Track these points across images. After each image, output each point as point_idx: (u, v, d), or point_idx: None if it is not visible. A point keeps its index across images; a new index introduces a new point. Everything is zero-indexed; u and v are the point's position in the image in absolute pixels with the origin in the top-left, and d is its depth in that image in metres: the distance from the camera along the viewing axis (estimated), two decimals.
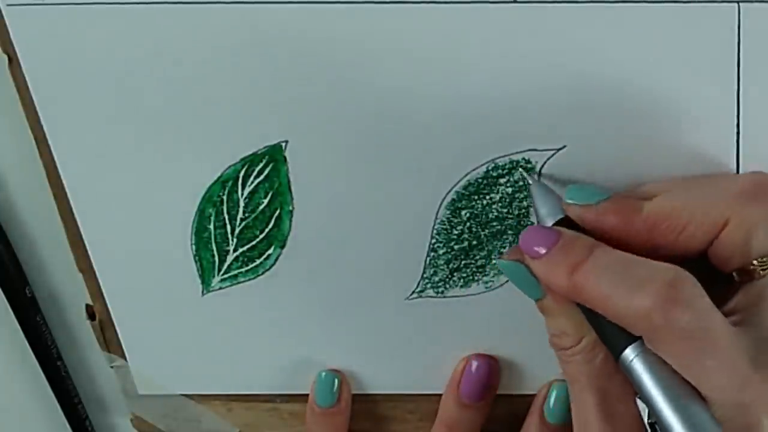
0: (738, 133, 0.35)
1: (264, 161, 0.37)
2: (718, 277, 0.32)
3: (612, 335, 0.32)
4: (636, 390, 0.31)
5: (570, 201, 0.34)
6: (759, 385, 0.29)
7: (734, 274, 0.32)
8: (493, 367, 0.40)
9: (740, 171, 0.35)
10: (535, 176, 0.36)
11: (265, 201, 0.38)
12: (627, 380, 0.32)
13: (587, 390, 0.33)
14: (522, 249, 0.33)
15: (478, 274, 0.38)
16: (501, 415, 0.41)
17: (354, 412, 0.42)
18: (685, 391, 0.30)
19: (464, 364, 0.40)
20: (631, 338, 0.31)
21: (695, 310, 0.30)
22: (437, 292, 0.39)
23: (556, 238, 0.33)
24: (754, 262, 0.32)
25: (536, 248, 0.33)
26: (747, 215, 0.32)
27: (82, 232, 0.39)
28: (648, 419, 0.31)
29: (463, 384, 0.40)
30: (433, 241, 0.38)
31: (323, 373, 0.41)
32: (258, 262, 0.39)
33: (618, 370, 0.32)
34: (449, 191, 0.37)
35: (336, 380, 0.41)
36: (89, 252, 0.39)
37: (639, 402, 0.31)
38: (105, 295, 0.40)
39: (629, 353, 0.31)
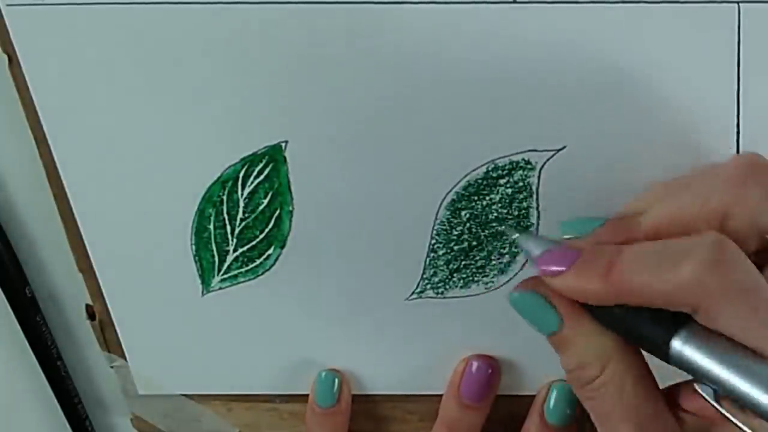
0: (738, 133, 0.35)
1: (264, 161, 0.37)
2: None
3: (653, 333, 0.30)
4: (695, 377, 0.29)
5: (567, 236, 0.33)
6: None
7: (758, 258, 0.31)
8: (493, 367, 0.40)
9: None
10: (515, 233, 0.35)
11: (265, 201, 0.38)
12: (662, 403, 0.31)
13: (623, 423, 0.31)
14: (542, 271, 0.32)
15: (477, 274, 0.38)
16: (501, 415, 0.41)
17: (354, 412, 0.42)
18: (752, 358, 0.28)
19: (464, 365, 0.40)
20: (676, 326, 0.30)
21: (744, 267, 0.29)
22: (437, 293, 0.39)
23: (578, 254, 0.31)
24: None
25: (558, 267, 0.32)
26: (744, 200, 0.31)
27: (82, 232, 0.39)
28: (714, 401, 0.29)
29: (463, 385, 0.40)
30: (433, 241, 0.38)
31: (323, 373, 0.41)
32: (258, 262, 0.39)
33: (650, 395, 0.31)
34: (449, 192, 0.37)
35: (336, 380, 0.41)
36: (89, 252, 0.39)
37: (699, 387, 0.29)
38: (105, 295, 0.40)
39: (677, 342, 0.29)
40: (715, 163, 0.33)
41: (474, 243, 0.38)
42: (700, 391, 0.30)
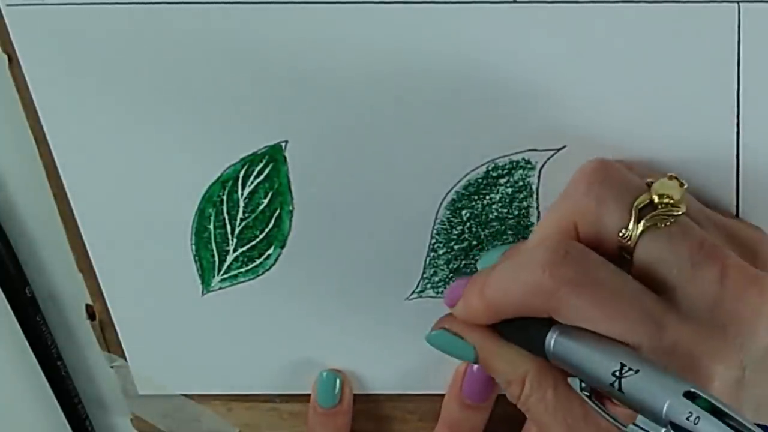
0: (738, 133, 0.35)
1: (264, 161, 0.37)
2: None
3: (536, 340, 0.32)
4: (571, 372, 0.31)
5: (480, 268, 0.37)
6: (679, 324, 0.29)
7: (624, 255, 0.32)
8: None
9: (740, 171, 0.35)
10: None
11: (265, 201, 0.38)
12: (581, 399, 0.32)
13: (554, 426, 0.33)
14: (446, 303, 0.36)
15: None
16: (501, 415, 0.41)
17: (354, 412, 0.42)
18: (612, 347, 0.29)
19: (466, 365, 0.40)
20: (546, 328, 0.31)
21: (578, 262, 0.30)
22: (437, 293, 0.39)
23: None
24: (619, 238, 0.31)
25: (457, 296, 0.35)
26: (584, 207, 0.32)
27: (82, 232, 0.39)
28: (582, 390, 0.30)
29: (465, 385, 0.40)
30: (433, 241, 0.38)
31: (325, 373, 0.41)
32: (258, 262, 0.39)
33: (574, 398, 0.32)
34: (449, 191, 0.37)
35: (338, 380, 0.41)
36: (89, 252, 0.39)
37: (570, 380, 0.31)
38: (105, 295, 0.40)
39: (548, 341, 0.31)
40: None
41: (474, 242, 0.38)
42: (570, 384, 0.31)
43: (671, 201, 0.31)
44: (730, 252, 0.31)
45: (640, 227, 0.31)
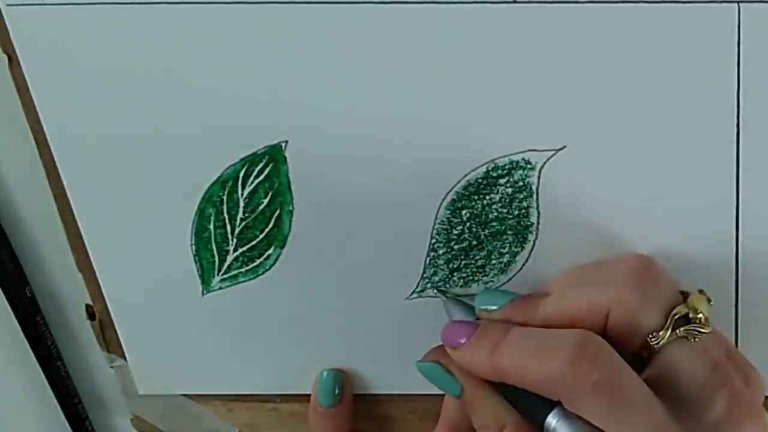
0: (738, 133, 0.35)
1: (264, 161, 0.37)
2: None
3: (533, 408, 0.33)
4: None
5: (481, 307, 0.36)
6: None
7: (642, 353, 0.33)
8: None
9: (740, 172, 0.35)
10: (443, 296, 0.38)
11: (265, 201, 0.38)
12: None
13: None
14: (444, 342, 0.36)
15: (477, 274, 0.38)
16: None
17: (354, 412, 0.42)
18: None
19: None
20: (550, 406, 0.32)
21: (605, 366, 0.31)
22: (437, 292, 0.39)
23: (475, 328, 0.35)
24: (647, 339, 0.33)
25: (457, 340, 0.35)
26: (623, 302, 0.33)
27: (82, 232, 0.39)
28: None
29: None
30: (433, 241, 0.38)
31: (325, 373, 0.41)
32: (258, 262, 0.39)
33: None
34: (449, 191, 0.37)
35: (338, 380, 0.41)
36: (89, 252, 0.39)
37: None
38: (105, 295, 0.40)
39: (551, 420, 0.32)
40: (611, 260, 0.35)
41: (474, 242, 0.38)
42: None
43: (703, 317, 0.33)
44: (737, 377, 0.32)
45: (673, 335, 0.33)
